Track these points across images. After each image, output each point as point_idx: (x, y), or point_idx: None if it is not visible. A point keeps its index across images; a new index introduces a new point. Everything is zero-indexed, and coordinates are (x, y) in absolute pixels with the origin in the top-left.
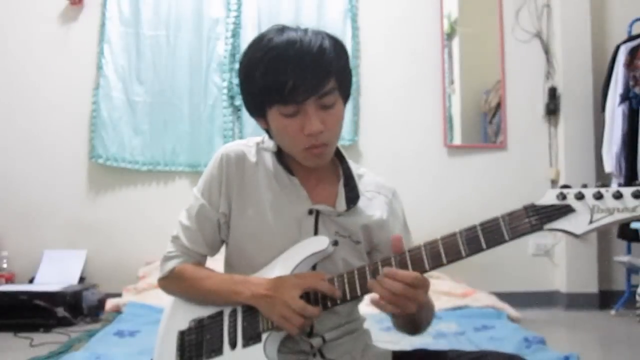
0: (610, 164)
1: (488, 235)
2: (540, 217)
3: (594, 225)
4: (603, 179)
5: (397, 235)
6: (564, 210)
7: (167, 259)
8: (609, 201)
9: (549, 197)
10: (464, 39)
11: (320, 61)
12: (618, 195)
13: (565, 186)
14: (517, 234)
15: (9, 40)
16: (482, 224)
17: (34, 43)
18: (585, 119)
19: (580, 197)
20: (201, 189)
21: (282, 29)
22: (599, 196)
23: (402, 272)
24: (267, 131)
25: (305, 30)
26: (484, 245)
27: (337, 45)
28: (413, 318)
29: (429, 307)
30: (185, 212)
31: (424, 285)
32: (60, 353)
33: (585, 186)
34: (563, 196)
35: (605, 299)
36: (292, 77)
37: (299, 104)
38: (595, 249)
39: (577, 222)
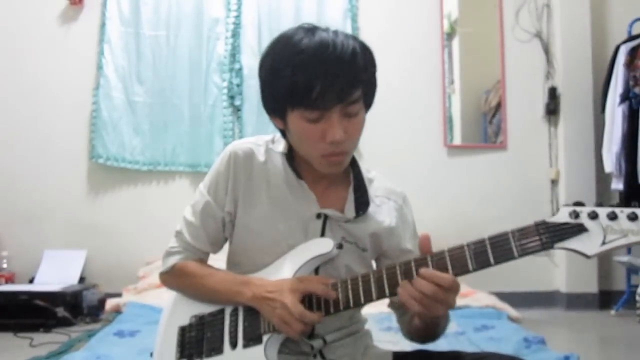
0: (610, 164)
1: (496, 250)
2: (551, 235)
3: (607, 247)
4: (603, 179)
5: (425, 233)
6: (576, 230)
7: (169, 254)
8: (623, 222)
9: (562, 215)
10: (464, 39)
11: (350, 69)
12: (633, 217)
13: (579, 203)
14: (526, 251)
15: (9, 41)
16: (490, 238)
17: (34, 43)
18: (585, 119)
19: (593, 216)
20: (207, 185)
21: (313, 29)
22: (613, 217)
23: (440, 274)
24: (282, 131)
25: (336, 32)
26: (492, 261)
27: (367, 52)
28: (436, 322)
29: (447, 315)
30: (190, 207)
31: (457, 289)
32: (60, 353)
33: (600, 205)
34: (576, 214)
35: (605, 299)
36: (321, 82)
37: (324, 110)
38: None
39: (590, 243)
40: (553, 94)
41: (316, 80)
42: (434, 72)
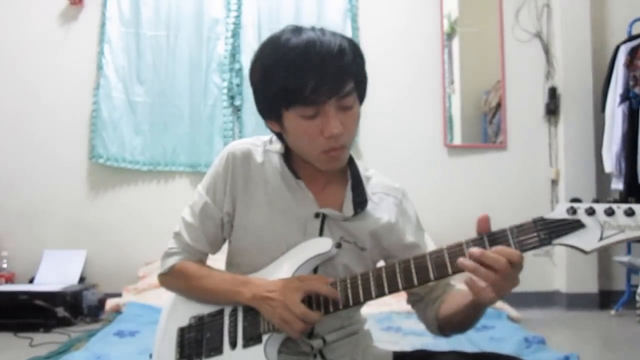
0: (610, 164)
1: (495, 247)
2: (549, 231)
3: (604, 242)
4: (603, 179)
5: (484, 215)
6: (573, 226)
7: (168, 255)
8: (620, 218)
9: (559, 211)
10: (464, 39)
11: (340, 62)
12: (630, 213)
13: (576, 200)
14: (525, 247)
15: (9, 41)
16: (489, 235)
17: (34, 43)
18: (585, 119)
19: (591, 212)
20: (206, 186)
21: (299, 29)
22: (610, 212)
23: (510, 250)
24: (278, 134)
25: (322, 31)
26: None
27: (355, 47)
28: (483, 307)
29: None
30: (189, 208)
31: (522, 267)
32: (60, 353)
33: (596, 201)
34: (573, 210)
35: (605, 299)
36: (313, 78)
37: (319, 106)
38: None
39: (587, 239)
40: (553, 94)
41: (308, 76)
42: (434, 72)
